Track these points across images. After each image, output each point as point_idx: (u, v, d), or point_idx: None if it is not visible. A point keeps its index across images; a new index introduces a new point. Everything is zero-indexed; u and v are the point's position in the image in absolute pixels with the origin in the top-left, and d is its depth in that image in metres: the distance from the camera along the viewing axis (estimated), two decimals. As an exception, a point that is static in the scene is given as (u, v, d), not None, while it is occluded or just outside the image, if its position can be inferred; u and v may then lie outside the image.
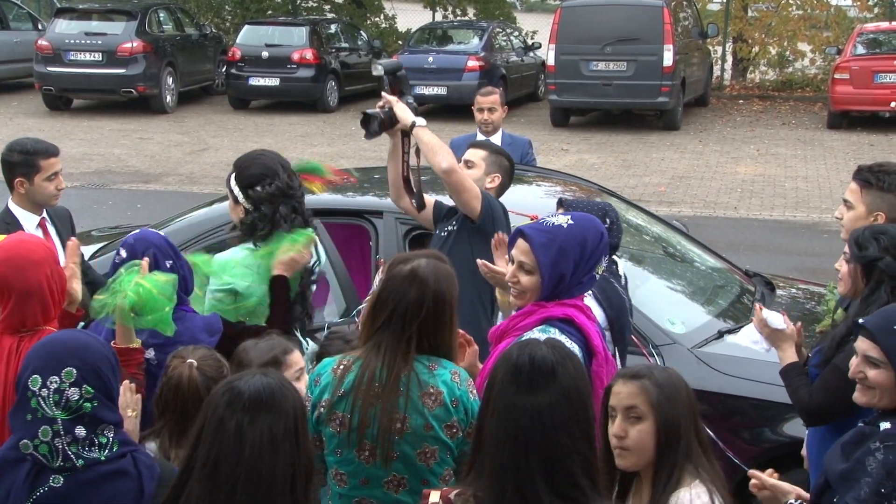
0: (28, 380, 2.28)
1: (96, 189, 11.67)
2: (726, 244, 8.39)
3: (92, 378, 2.28)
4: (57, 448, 2.26)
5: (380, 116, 3.89)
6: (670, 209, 10.36)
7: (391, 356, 2.65)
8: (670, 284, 4.90)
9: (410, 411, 2.65)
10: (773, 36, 19.07)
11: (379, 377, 2.64)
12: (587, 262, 2.89)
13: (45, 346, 2.37)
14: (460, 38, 18.06)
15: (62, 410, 2.25)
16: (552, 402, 2.11)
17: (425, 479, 2.69)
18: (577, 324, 2.84)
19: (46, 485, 2.26)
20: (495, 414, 2.14)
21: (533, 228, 2.96)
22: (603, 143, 14.48)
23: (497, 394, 2.16)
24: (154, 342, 3.12)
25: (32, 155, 4.16)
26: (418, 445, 2.67)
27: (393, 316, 2.67)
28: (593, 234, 2.92)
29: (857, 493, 2.41)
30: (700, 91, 17.11)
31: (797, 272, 7.46)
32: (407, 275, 2.69)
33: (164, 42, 17.18)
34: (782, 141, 14.57)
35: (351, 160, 12.93)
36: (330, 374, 2.72)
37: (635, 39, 14.70)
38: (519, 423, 2.11)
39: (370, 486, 2.70)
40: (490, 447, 2.14)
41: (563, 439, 2.10)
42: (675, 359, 3.98)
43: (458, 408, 2.68)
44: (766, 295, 4.86)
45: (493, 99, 6.18)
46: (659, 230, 5.34)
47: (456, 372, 2.72)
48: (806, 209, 10.83)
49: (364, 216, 4.58)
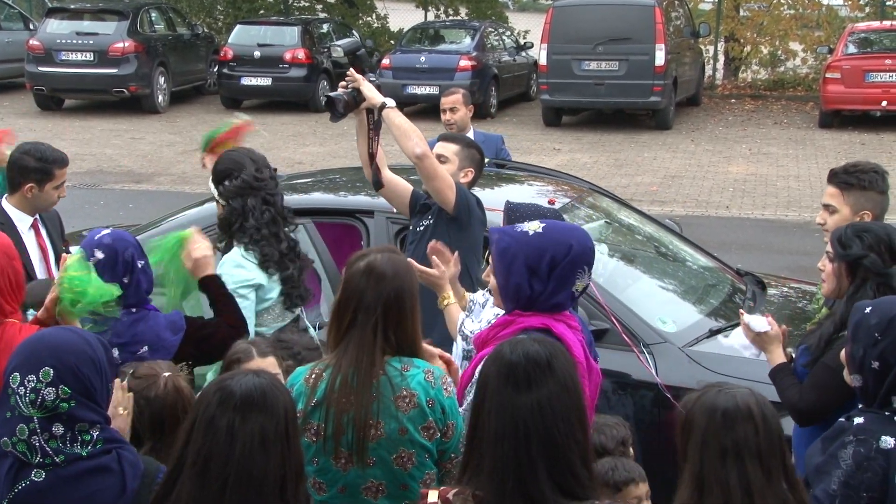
0: (9, 376, 2.29)
1: (88, 189, 11.63)
2: (718, 243, 8.40)
3: (70, 378, 2.27)
4: (34, 445, 2.26)
5: (343, 98, 3.87)
6: (662, 208, 10.37)
7: (360, 359, 2.61)
8: (661, 283, 4.91)
9: (384, 416, 2.61)
10: (765, 35, 19.11)
11: (351, 382, 2.61)
12: (552, 275, 2.74)
13: (28, 343, 2.38)
14: (452, 37, 18.05)
15: (37, 409, 2.25)
16: (551, 394, 2.13)
17: (404, 484, 2.66)
18: (554, 333, 2.79)
19: (28, 479, 2.27)
20: (492, 413, 2.14)
21: (498, 231, 2.89)
22: (595, 142, 14.49)
23: (493, 392, 2.16)
24: (118, 342, 3.10)
25: (50, 163, 4.15)
26: (394, 450, 2.63)
27: (357, 315, 2.63)
28: (558, 247, 2.75)
29: (827, 485, 2.44)
30: (692, 91, 17.13)
31: (789, 271, 7.47)
32: (364, 271, 2.65)
33: (155, 42, 17.14)
34: (774, 140, 14.60)
35: (343, 160, 12.92)
36: (302, 383, 2.68)
37: (627, 39, 14.71)
38: (518, 418, 2.11)
39: (349, 493, 2.66)
40: (489, 445, 2.13)
41: (563, 429, 2.11)
42: (667, 358, 3.99)
43: (434, 408, 2.64)
44: (757, 294, 4.87)
45: (454, 99, 6.24)
46: (651, 229, 5.35)
47: (429, 371, 2.69)
48: (798, 208, 10.85)
49: (355, 216, 4.57)
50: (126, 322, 3.16)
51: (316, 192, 5.24)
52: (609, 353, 3.98)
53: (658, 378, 3.91)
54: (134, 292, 3.18)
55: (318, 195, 5.13)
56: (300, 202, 4.81)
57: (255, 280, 3.60)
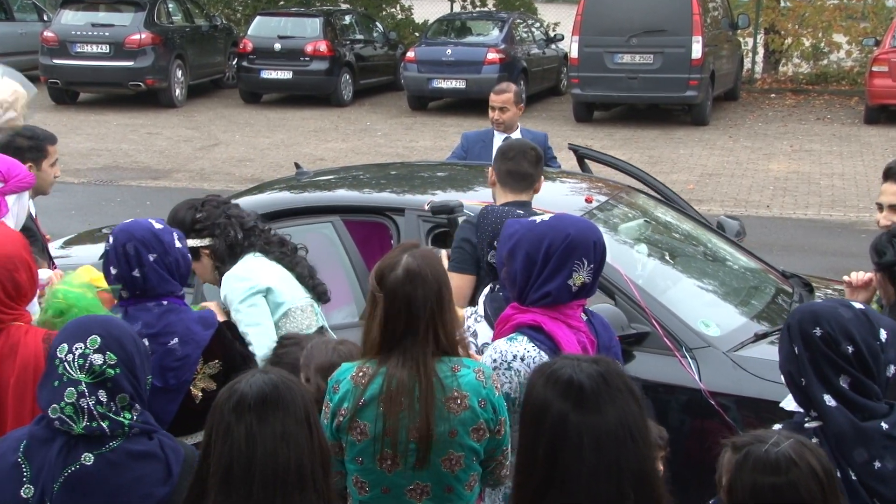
0: (56, 349, 2.42)
1: (104, 185, 11.73)
2: (758, 244, 8.33)
3: (115, 347, 2.41)
4: (82, 408, 2.38)
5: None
6: (699, 208, 10.30)
7: (413, 363, 2.66)
8: (703, 285, 4.87)
9: (436, 419, 2.65)
10: (807, 27, 18.95)
11: (407, 386, 2.65)
12: (546, 263, 2.83)
13: (74, 321, 2.54)
14: (479, 29, 18.05)
15: (86, 374, 2.39)
16: (626, 409, 2.07)
17: (450, 486, 2.70)
18: (545, 331, 2.84)
19: (78, 462, 2.38)
20: (581, 447, 2.03)
21: (514, 221, 3.04)
22: (628, 139, 14.43)
23: (576, 426, 2.05)
24: (149, 332, 3.13)
25: (42, 140, 4.28)
26: (443, 452, 2.67)
27: (408, 322, 2.68)
28: (556, 234, 2.85)
29: None
30: (730, 85, 17.03)
31: (833, 274, 7.38)
32: (405, 278, 2.69)
33: (173, 34, 17.26)
34: (817, 137, 14.49)
35: (366, 156, 12.96)
36: (349, 381, 2.72)
37: (662, 31, 14.64)
38: (607, 445, 2.04)
39: (392, 494, 2.71)
40: (582, 483, 2.03)
41: (647, 445, 2.08)
42: (710, 363, 3.96)
43: (485, 408, 2.68)
44: (804, 297, 4.83)
45: (506, 98, 6.20)
46: (689, 227, 5.32)
47: (479, 370, 2.73)
48: (842, 208, 10.76)
49: (385, 213, 4.58)
50: (156, 313, 3.19)
51: (341, 189, 5.25)
52: (649, 358, 3.98)
53: (702, 384, 3.88)
54: (153, 284, 3.18)
55: (344, 192, 5.14)
56: (327, 199, 4.83)
57: (260, 285, 3.62)
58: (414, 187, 5.18)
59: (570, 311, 2.91)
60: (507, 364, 2.88)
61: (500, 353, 2.90)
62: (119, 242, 3.20)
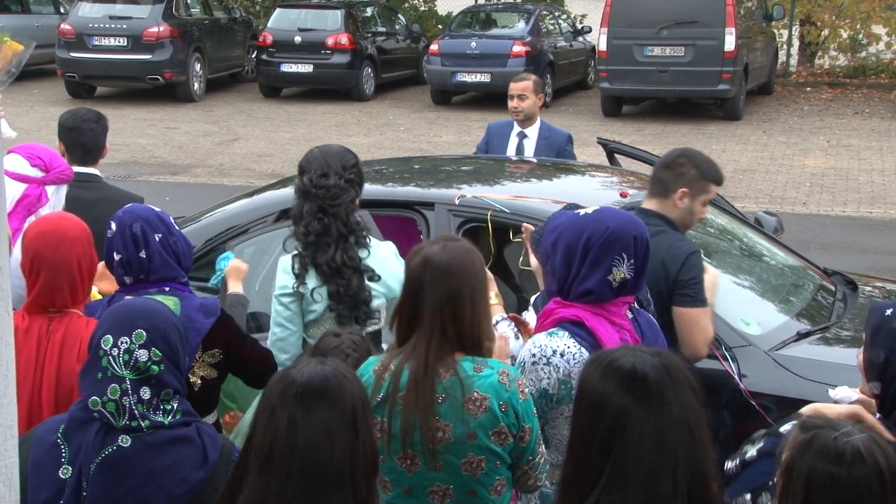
0: (101, 339, 2.44)
1: (122, 181, 11.76)
2: (795, 242, 8.22)
3: (160, 342, 2.44)
4: (124, 406, 2.41)
5: None
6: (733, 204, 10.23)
7: (429, 357, 2.62)
8: (741, 282, 4.82)
9: (452, 419, 2.62)
10: (845, 18, 18.80)
11: (418, 381, 2.62)
12: (584, 257, 2.82)
13: (118, 308, 2.57)
14: (505, 21, 18.03)
15: (130, 371, 2.41)
16: (687, 404, 2.03)
17: (473, 490, 2.67)
18: (587, 326, 2.81)
19: (115, 444, 2.42)
20: (641, 442, 1.99)
21: (559, 213, 3.07)
22: (658, 133, 14.36)
23: (638, 420, 2.01)
24: None
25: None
26: (462, 455, 2.64)
27: (420, 312, 2.65)
28: (596, 227, 2.84)
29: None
30: (764, 78, 16.92)
31: (874, 272, 7.33)
32: (421, 266, 2.67)
33: (191, 26, 17.34)
34: (855, 131, 14.37)
35: (389, 151, 12.95)
36: (371, 374, 2.71)
37: (694, 22, 14.57)
38: (669, 442, 1.99)
39: (414, 495, 2.69)
40: (639, 481, 1.99)
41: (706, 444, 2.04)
42: (752, 362, 3.92)
43: (507, 412, 2.64)
44: (847, 295, 4.77)
45: (524, 86, 6.18)
46: (724, 222, 5.27)
47: (504, 372, 2.68)
48: (882, 205, 10.67)
49: (414, 208, 4.56)
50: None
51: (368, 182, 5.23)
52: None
53: (742, 384, 3.84)
54: (157, 267, 3.21)
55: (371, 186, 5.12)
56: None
57: (293, 289, 3.61)
58: (440, 181, 5.16)
59: (615, 308, 2.88)
60: (547, 359, 2.85)
61: (540, 347, 2.87)
62: (125, 223, 3.22)
